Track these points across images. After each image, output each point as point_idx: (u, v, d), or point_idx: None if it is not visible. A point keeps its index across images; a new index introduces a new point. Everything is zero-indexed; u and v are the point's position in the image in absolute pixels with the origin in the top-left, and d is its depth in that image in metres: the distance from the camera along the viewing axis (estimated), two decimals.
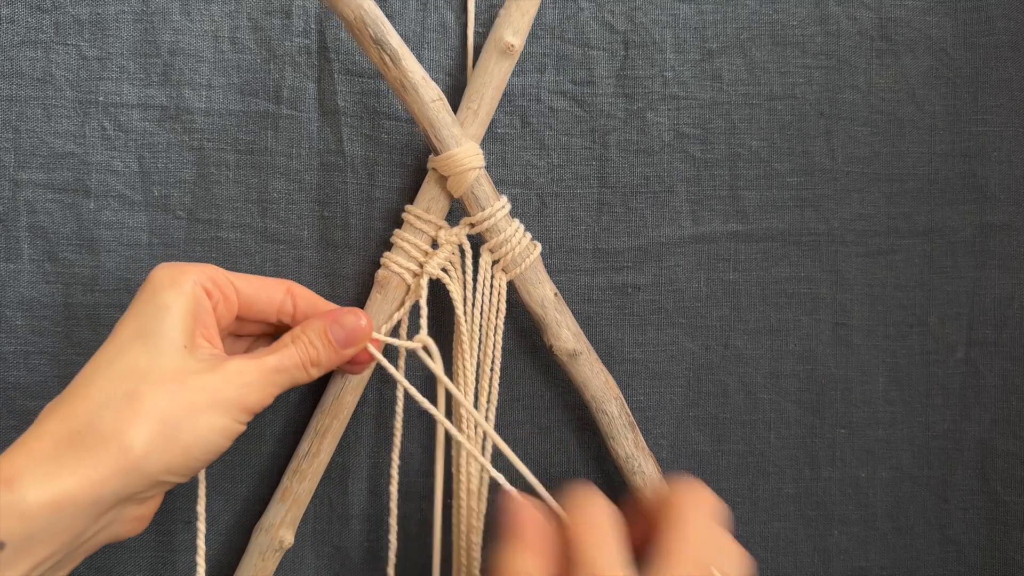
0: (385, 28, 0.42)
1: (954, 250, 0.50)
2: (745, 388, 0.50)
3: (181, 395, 0.34)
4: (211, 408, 0.34)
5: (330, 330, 0.39)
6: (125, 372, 0.34)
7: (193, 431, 0.34)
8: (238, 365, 0.36)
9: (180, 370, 0.34)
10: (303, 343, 0.38)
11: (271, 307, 0.40)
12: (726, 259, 0.49)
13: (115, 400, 0.33)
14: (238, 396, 0.35)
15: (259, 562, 0.45)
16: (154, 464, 0.33)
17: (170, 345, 0.35)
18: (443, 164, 0.44)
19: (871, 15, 0.50)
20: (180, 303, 0.36)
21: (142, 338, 0.35)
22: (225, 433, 0.35)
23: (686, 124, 0.49)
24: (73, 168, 0.46)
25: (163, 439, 0.33)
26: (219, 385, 0.35)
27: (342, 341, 0.39)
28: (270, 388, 0.37)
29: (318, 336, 0.39)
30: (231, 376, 0.35)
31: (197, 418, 0.34)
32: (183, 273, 0.37)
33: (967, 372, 0.50)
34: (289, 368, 0.38)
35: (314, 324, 0.39)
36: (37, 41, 0.46)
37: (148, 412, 0.33)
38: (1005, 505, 0.50)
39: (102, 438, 0.32)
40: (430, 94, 0.43)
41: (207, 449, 0.35)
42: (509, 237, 0.45)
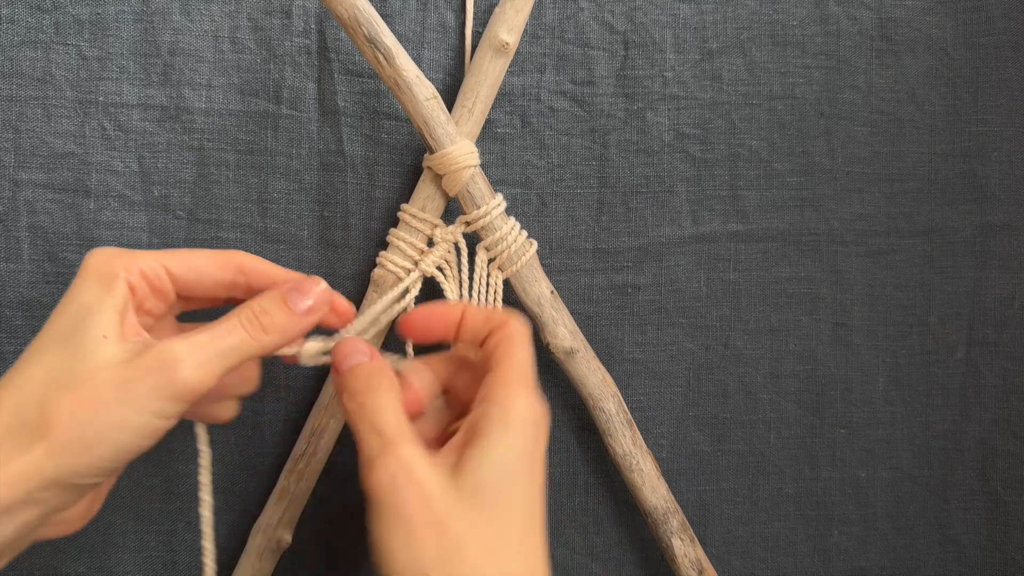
0: (378, 26, 0.42)
1: (954, 250, 0.50)
2: (745, 388, 0.50)
3: (88, 394, 0.32)
4: (122, 404, 0.32)
5: (289, 297, 0.36)
6: (41, 375, 0.32)
7: (101, 431, 0.31)
8: (161, 348, 0.33)
9: (95, 367, 0.32)
10: (250, 311, 0.35)
11: (218, 288, 0.38)
12: (726, 259, 0.49)
13: (27, 407, 0.31)
14: (158, 384, 0.32)
15: (257, 562, 0.45)
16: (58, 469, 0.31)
17: (88, 342, 0.32)
18: (438, 162, 0.44)
19: (871, 15, 0.50)
20: (106, 302, 0.34)
21: (61, 340, 0.33)
22: (140, 430, 0.32)
23: (686, 124, 0.49)
24: (73, 168, 0.46)
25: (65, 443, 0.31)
26: (136, 376, 0.32)
27: (303, 308, 0.36)
28: (207, 365, 0.33)
29: (275, 303, 0.36)
30: (151, 362, 0.32)
31: (103, 416, 0.31)
32: (110, 268, 0.34)
33: (967, 372, 0.50)
34: (228, 338, 0.34)
35: (268, 293, 0.36)
36: (37, 41, 0.46)
37: (53, 417, 0.31)
38: (1005, 505, 0.50)
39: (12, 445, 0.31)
40: (424, 92, 0.43)
41: (117, 448, 0.32)
42: (505, 235, 0.45)
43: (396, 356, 0.39)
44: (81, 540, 0.46)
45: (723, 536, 0.50)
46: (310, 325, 0.37)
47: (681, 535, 0.46)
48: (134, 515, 0.47)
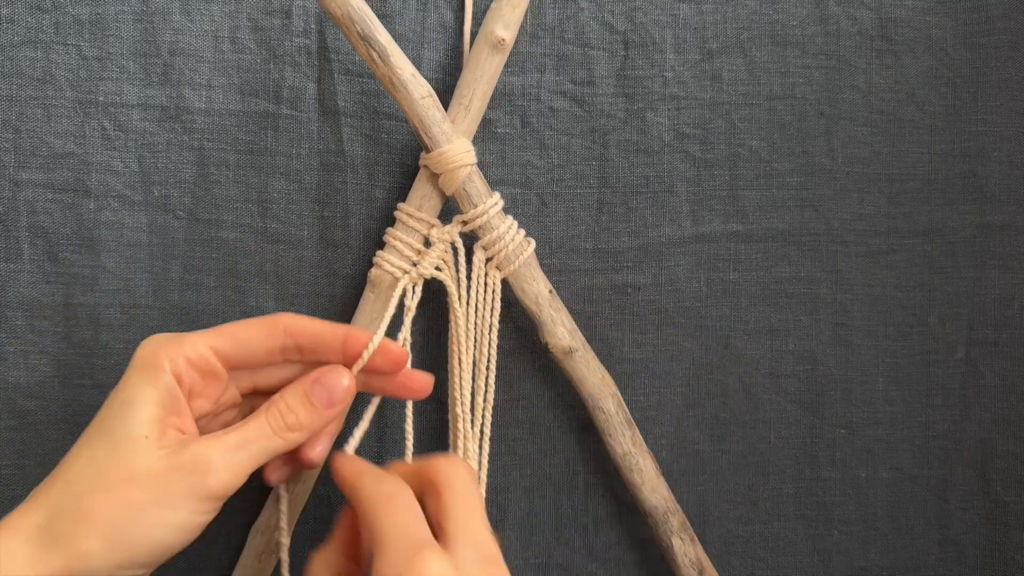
0: (373, 24, 0.41)
1: (954, 250, 0.50)
2: (745, 388, 0.50)
3: (128, 495, 0.33)
4: (161, 505, 0.33)
5: (312, 393, 0.37)
6: (81, 472, 0.34)
7: (139, 529, 0.33)
8: (195, 451, 0.34)
9: (135, 468, 0.33)
10: (277, 411, 0.37)
11: (270, 355, 0.38)
12: (726, 259, 0.49)
13: (69, 502, 0.33)
14: (194, 486, 0.34)
15: (256, 563, 0.45)
16: (101, 566, 0.33)
17: (128, 441, 0.34)
18: (434, 161, 0.43)
19: (871, 15, 0.50)
20: (148, 396, 0.35)
21: (103, 435, 0.34)
22: (180, 529, 0.34)
23: (686, 124, 0.49)
24: (73, 168, 0.46)
25: (109, 542, 0.32)
26: (173, 478, 0.33)
27: (325, 402, 0.37)
28: (236, 468, 0.35)
29: (298, 400, 0.37)
30: (185, 465, 0.34)
31: (145, 517, 0.33)
32: (155, 359, 0.35)
33: (967, 372, 0.50)
34: (257, 441, 0.36)
35: (292, 388, 0.37)
36: (37, 41, 0.46)
37: (95, 516, 0.32)
38: (1005, 505, 0.50)
39: (54, 538, 0.32)
40: (420, 91, 0.43)
41: (157, 548, 0.34)
42: (503, 234, 0.44)
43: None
44: None
45: (723, 536, 0.50)
46: (335, 417, 0.38)
47: (681, 534, 0.46)
48: None
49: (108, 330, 0.46)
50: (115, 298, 0.46)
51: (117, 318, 0.46)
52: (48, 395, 0.46)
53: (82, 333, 0.46)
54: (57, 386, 0.46)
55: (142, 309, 0.46)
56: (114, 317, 0.46)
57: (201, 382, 0.37)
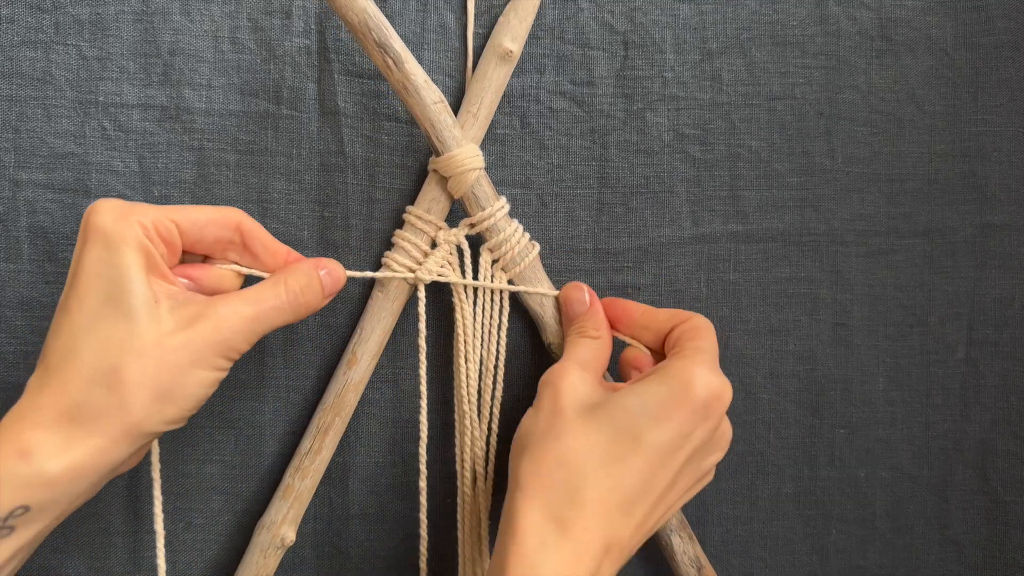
0: (388, 32, 0.42)
1: (954, 250, 0.50)
2: (745, 388, 0.50)
3: (165, 358, 0.35)
4: (194, 364, 0.35)
5: (324, 281, 0.40)
6: (105, 344, 0.34)
7: (183, 389, 0.35)
8: (217, 317, 0.36)
9: (158, 332, 0.35)
10: (296, 288, 0.39)
11: (216, 244, 0.40)
12: (726, 259, 0.49)
13: (103, 375, 0.34)
14: (219, 348, 0.36)
15: (260, 560, 0.45)
16: (154, 423, 0.35)
17: (142, 307, 0.35)
18: (444, 165, 0.44)
19: (871, 15, 0.50)
20: (135, 261, 0.35)
21: (112, 304, 0.35)
22: (212, 383, 0.37)
23: (686, 124, 0.49)
24: (73, 168, 0.46)
25: (159, 402, 0.35)
26: (200, 340, 0.35)
27: (330, 290, 0.41)
28: (252, 335, 0.38)
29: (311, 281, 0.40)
30: (211, 331, 0.36)
31: (185, 377, 0.35)
32: (128, 225, 0.36)
33: (967, 372, 0.50)
34: (271, 314, 0.38)
35: (305, 271, 0.40)
36: (37, 41, 0.46)
37: (138, 382, 0.34)
38: (1005, 505, 0.50)
39: (102, 411, 0.34)
40: (432, 96, 0.43)
41: (198, 400, 0.36)
42: (508, 237, 0.45)
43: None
44: (81, 540, 0.46)
45: (722, 536, 0.50)
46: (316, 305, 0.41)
47: (680, 533, 0.46)
48: (134, 515, 0.47)
49: None
50: None
51: None
52: None
53: None
54: None
55: None
56: None
57: (166, 250, 0.38)
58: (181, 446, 0.47)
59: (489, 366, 0.46)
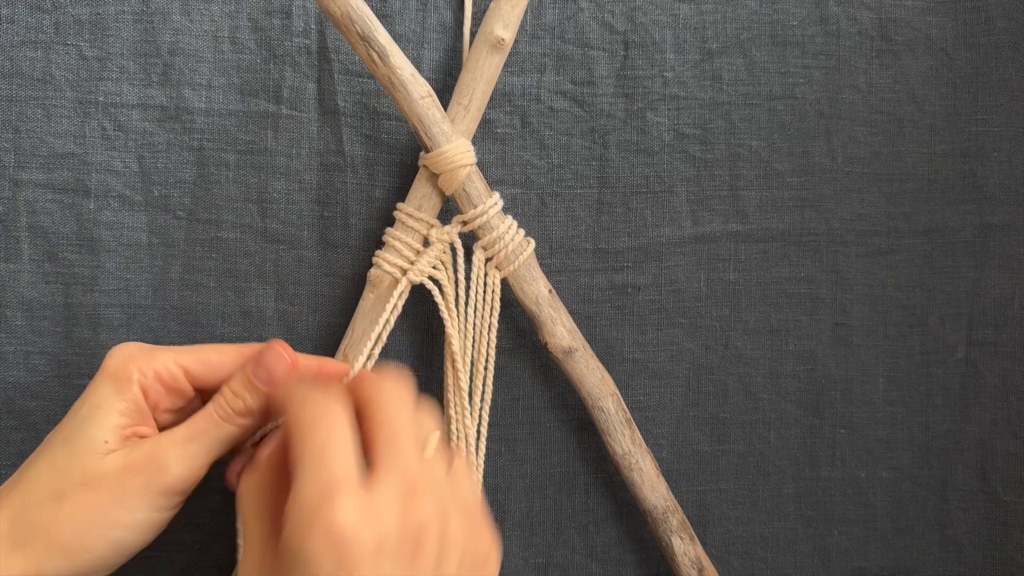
0: (372, 24, 0.41)
1: (954, 250, 0.50)
2: (745, 388, 0.50)
3: (85, 499, 0.33)
4: (117, 505, 0.34)
5: (253, 374, 0.37)
6: (39, 478, 0.34)
7: (97, 535, 0.34)
8: (147, 448, 0.35)
9: (91, 471, 0.34)
10: (223, 399, 0.36)
11: None
12: (726, 259, 0.49)
13: (28, 510, 0.33)
14: (148, 483, 0.34)
15: None
16: (76, 568, 0.33)
17: (87, 446, 0.34)
18: (434, 161, 0.43)
19: (871, 15, 0.50)
20: (113, 405, 0.35)
21: (65, 440, 0.35)
22: (139, 528, 0.34)
23: (686, 124, 0.49)
24: (73, 168, 0.46)
25: (68, 551, 0.33)
26: (127, 477, 0.34)
27: (266, 380, 0.37)
28: (190, 461, 0.35)
29: (241, 384, 0.37)
30: (139, 463, 0.34)
31: (101, 520, 0.33)
32: (125, 371, 0.36)
33: (967, 372, 0.50)
34: (208, 430, 0.36)
35: (236, 374, 0.37)
36: (37, 41, 0.46)
37: (52, 525, 0.33)
38: (1005, 505, 0.50)
39: (18, 546, 0.33)
40: (419, 91, 0.43)
41: (117, 549, 0.34)
42: (502, 234, 0.44)
43: None
44: None
45: (723, 536, 0.50)
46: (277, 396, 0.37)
47: (681, 533, 0.46)
48: None
49: (108, 330, 0.46)
50: (115, 298, 0.46)
51: (117, 318, 0.46)
52: (48, 395, 0.46)
53: (82, 333, 0.46)
54: (57, 386, 0.46)
55: (142, 309, 0.46)
56: (114, 317, 0.46)
57: (167, 397, 0.37)
58: None
59: (480, 367, 0.45)
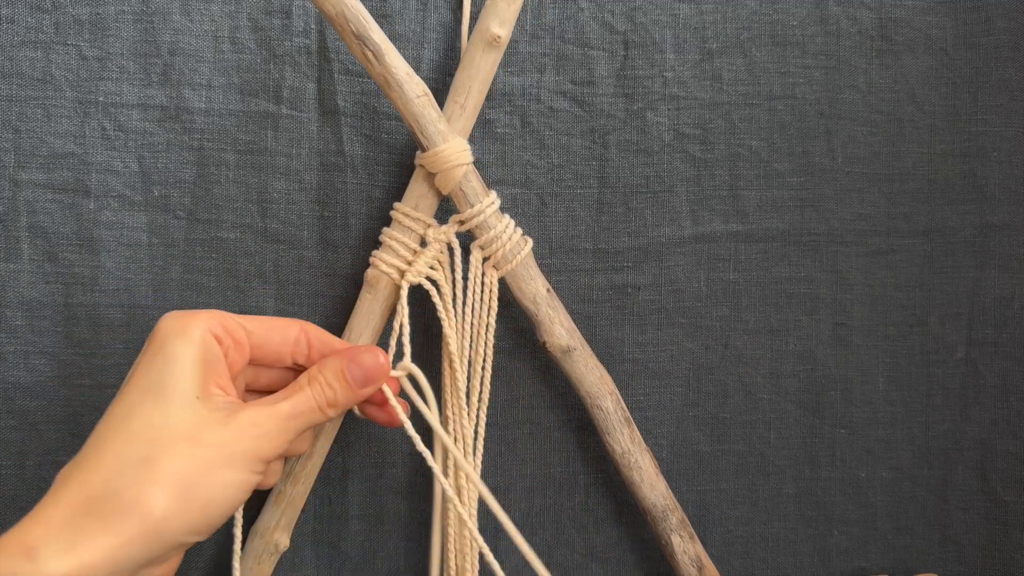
0: (367, 23, 0.41)
1: (954, 250, 0.50)
2: (745, 388, 0.50)
3: (196, 454, 0.33)
4: (227, 464, 0.34)
5: (347, 369, 0.38)
6: (138, 433, 0.33)
7: (210, 490, 0.33)
8: (252, 415, 0.35)
9: (194, 426, 0.34)
10: (319, 384, 0.38)
11: (284, 347, 0.39)
12: (726, 259, 0.49)
13: (131, 465, 0.32)
14: (253, 448, 0.35)
15: (255, 565, 0.44)
16: (175, 527, 0.33)
17: (181, 399, 0.34)
18: (430, 161, 0.43)
19: (871, 15, 0.50)
20: (190, 353, 0.35)
21: (153, 394, 0.34)
22: (242, 487, 0.35)
23: (686, 124, 0.49)
24: (73, 168, 0.46)
25: (183, 501, 0.32)
26: (233, 439, 0.34)
27: (360, 380, 0.39)
28: (285, 435, 0.36)
29: (335, 376, 0.38)
30: (245, 428, 0.35)
31: (214, 476, 0.33)
32: (192, 321, 0.36)
33: (967, 372, 0.50)
34: (304, 412, 0.37)
35: (330, 363, 0.38)
36: (37, 41, 0.46)
37: (165, 475, 0.32)
38: (1005, 505, 0.50)
39: (121, 505, 0.32)
40: (415, 90, 0.42)
41: (226, 506, 0.34)
42: (500, 233, 0.44)
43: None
44: None
45: (723, 536, 0.50)
46: (367, 396, 0.40)
47: (680, 532, 0.46)
48: None
49: (108, 330, 0.46)
50: (115, 298, 0.46)
51: (117, 318, 0.46)
52: (48, 395, 0.46)
53: (82, 333, 0.46)
54: (57, 386, 0.46)
55: (142, 309, 0.46)
56: (114, 317, 0.46)
57: (233, 351, 0.37)
58: None
59: (477, 367, 0.45)
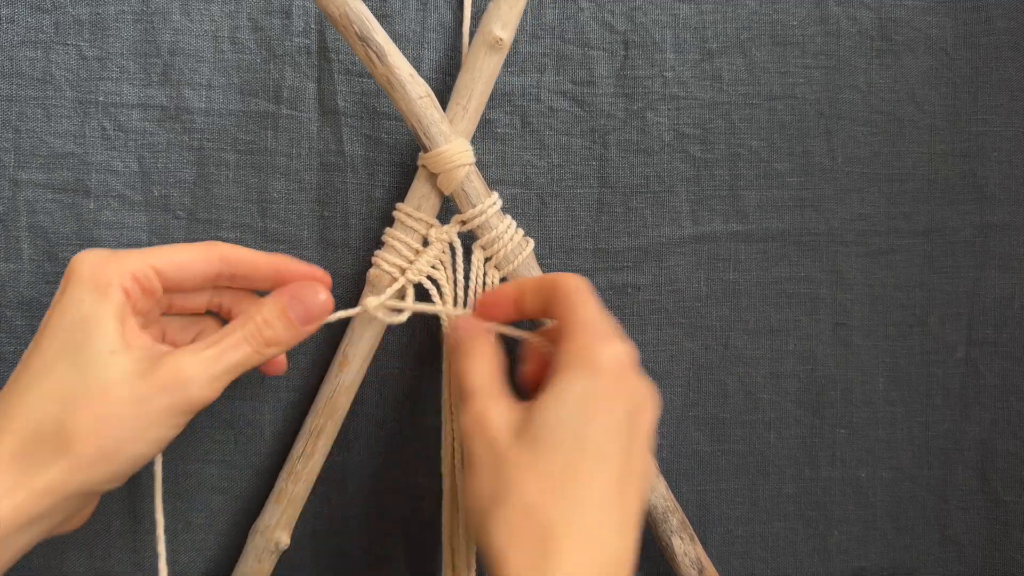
0: (371, 24, 0.41)
1: (954, 250, 0.50)
2: (745, 388, 0.50)
3: (108, 411, 0.33)
4: (144, 420, 0.33)
5: (289, 307, 0.37)
6: (53, 391, 0.33)
7: (124, 446, 0.33)
8: (173, 365, 0.34)
9: (109, 383, 0.33)
10: (255, 324, 0.36)
11: (204, 281, 0.38)
12: (726, 259, 0.49)
13: (47, 423, 0.33)
14: (176, 401, 0.34)
15: (255, 564, 0.45)
16: (95, 482, 0.33)
17: (96, 356, 0.33)
18: (432, 161, 0.43)
19: (871, 15, 0.50)
20: (105, 311, 0.34)
21: (66, 353, 0.34)
22: (158, 442, 0.34)
23: (686, 124, 0.49)
24: (73, 168, 0.46)
25: (99, 455, 0.33)
26: (153, 393, 0.33)
27: (302, 318, 0.37)
28: (216, 382, 0.35)
29: (276, 315, 0.37)
30: (166, 379, 0.34)
31: (129, 432, 0.33)
32: (104, 274, 0.35)
33: (967, 372, 0.50)
34: (236, 355, 0.35)
35: (269, 302, 0.37)
36: (37, 41, 0.46)
37: (81, 431, 0.32)
38: (1005, 505, 0.50)
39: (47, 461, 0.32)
40: (417, 91, 0.42)
41: (138, 462, 0.34)
42: (501, 234, 0.44)
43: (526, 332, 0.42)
44: (81, 540, 0.46)
45: (723, 536, 0.50)
46: (309, 334, 0.38)
47: (681, 534, 0.46)
48: (133, 515, 0.47)
49: None
50: None
51: None
52: None
53: None
54: None
55: None
56: None
57: (143, 299, 0.36)
58: (181, 446, 0.47)
59: None
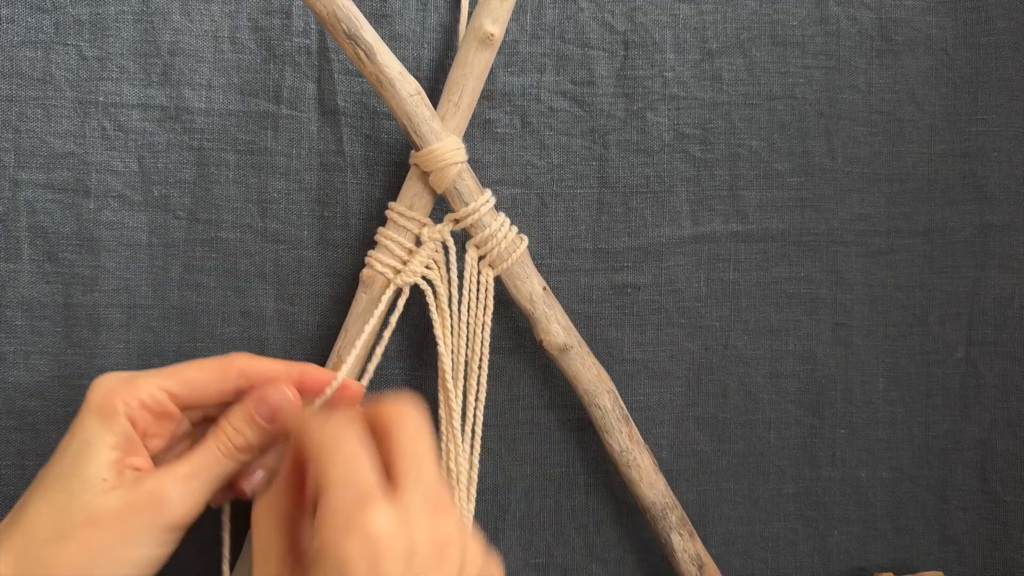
0: (359, 23, 0.41)
1: (954, 250, 0.50)
2: (745, 388, 0.50)
3: (95, 536, 0.33)
4: (122, 543, 0.34)
5: (256, 410, 0.37)
6: (40, 518, 0.34)
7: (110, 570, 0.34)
8: (150, 485, 0.35)
9: (94, 510, 0.34)
10: (224, 434, 0.37)
11: (223, 396, 0.38)
12: (726, 259, 0.49)
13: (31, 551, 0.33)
14: (151, 521, 0.34)
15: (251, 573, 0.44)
16: None
17: (86, 485, 0.34)
18: (424, 160, 0.43)
19: (871, 15, 0.50)
20: (104, 440, 0.35)
21: (61, 479, 0.35)
22: (143, 563, 0.35)
23: (686, 124, 0.49)
24: (73, 168, 0.46)
25: None
26: (132, 514, 0.34)
27: (268, 417, 0.37)
28: (193, 496, 0.35)
29: (244, 422, 0.37)
30: (142, 501, 0.34)
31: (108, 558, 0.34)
32: (110, 403, 0.36)
33: (967, 372, 0.50)
34: (209, 467, 0.36)
35: (237, 410, 0.37)
36: (37, 41, 0.46)
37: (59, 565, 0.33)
38: (1005, 505, 0.50)
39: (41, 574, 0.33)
40: (407, 89, 0.42)
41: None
42: (495, 232, 0.44)
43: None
44: None
45: (723, 536, 0.50)
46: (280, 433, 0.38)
47: (680, 530, 0.46)
48: None
49: (108, 330, 0.46)
50: (115, 298, 0.46)
51: (117, 318, 0.46)
52: (48, 395, 0.46)
53: (82, 333, 0.46)
54: (57, 386, 0.46)
55: (142, 309, 0.46)
56: (114, 317, 0.46)
57: (155, 423, 0.37)
58: None
59: (474, 366, 0.45)
